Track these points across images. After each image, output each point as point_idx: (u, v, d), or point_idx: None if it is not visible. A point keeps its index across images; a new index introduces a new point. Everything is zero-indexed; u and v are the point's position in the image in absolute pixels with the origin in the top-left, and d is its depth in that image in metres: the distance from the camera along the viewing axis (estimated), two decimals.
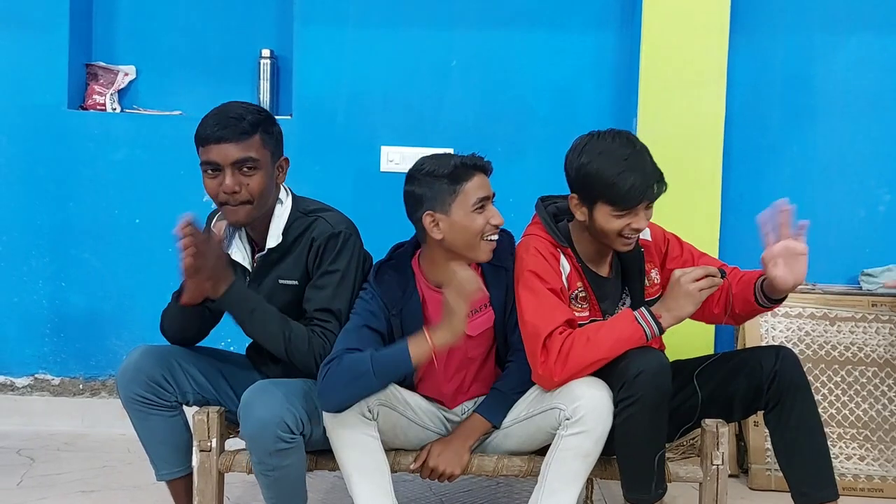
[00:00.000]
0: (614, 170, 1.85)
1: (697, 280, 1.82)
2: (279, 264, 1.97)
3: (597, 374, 1.86)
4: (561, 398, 1.83)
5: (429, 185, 1.88)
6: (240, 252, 1.98)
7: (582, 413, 1.79)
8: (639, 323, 1.83)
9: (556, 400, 1.84)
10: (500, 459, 1.95)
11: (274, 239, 1.96)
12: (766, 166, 3.04)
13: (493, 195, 1.93)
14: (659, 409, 1.80)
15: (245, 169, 1.90)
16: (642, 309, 1.86)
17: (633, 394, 1.77)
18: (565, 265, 1.97)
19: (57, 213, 3.15)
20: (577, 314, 1.94)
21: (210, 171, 1.92)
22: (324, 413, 1.82)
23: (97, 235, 3.15)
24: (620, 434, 1.81)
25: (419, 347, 1.78)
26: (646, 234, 2.05)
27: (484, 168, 1.93)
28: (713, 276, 1.84)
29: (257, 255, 1.98)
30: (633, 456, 1.84)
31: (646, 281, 2.02)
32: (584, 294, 1.98)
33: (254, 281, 1.98)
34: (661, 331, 1.85)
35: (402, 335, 1.91)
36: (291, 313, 1.94)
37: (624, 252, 1.96)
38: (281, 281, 1.97)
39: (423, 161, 1.93)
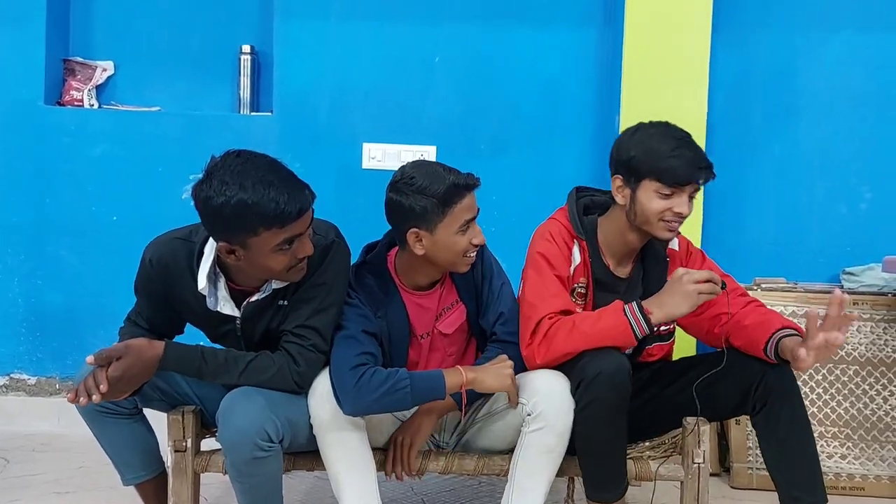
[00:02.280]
0: (669, 145, 1.85)
1: (699, 282, 1.79)
2: (273, 299, 1.87)
3: (557, 369, 1.84)
4: (522, 394, 1.83)
5: (417, 202, 1.81)
6: (227, 304, 1.85)
7: (541, 408, 1.79)
8: (626, 316, 1.81)
9: (520, 396, 1.84)
10: (480, 459, 1.94)
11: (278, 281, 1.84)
12: (748, 164, 3.05)
13: (478, 212, 1.89)
14: (616, 412, 1.79)
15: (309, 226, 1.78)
16: (633, 303, 1.83)
17: (589, 396, 1.77)
18: (576, 256, 1.96)
19: (33, 209, 3.11)
20: None
21: (287, 246, 1.73)
22: (312, 409, 1.81)
23: (74, 232, 3.11)
24: (580, 435, 1.81)
25: (453, 380, 1.80)
26: (673, 244, 2.03)
27: (475, 186, 1.87)
28: (715, 283, 1.80)
29: (254, 299, 1.84)
30: (592, 458, 1.84)
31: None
32: (583, 290, 1.97)
33: (248, 321, 1.87)
34: (650, 328, 1.82)
35: (389, 337, 1.90)
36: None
37: (664, 239, 1.92)
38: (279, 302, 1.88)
39: (413, 173, 1.83)
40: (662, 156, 1.84)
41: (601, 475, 1.85)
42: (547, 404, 1.78)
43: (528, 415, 1.81)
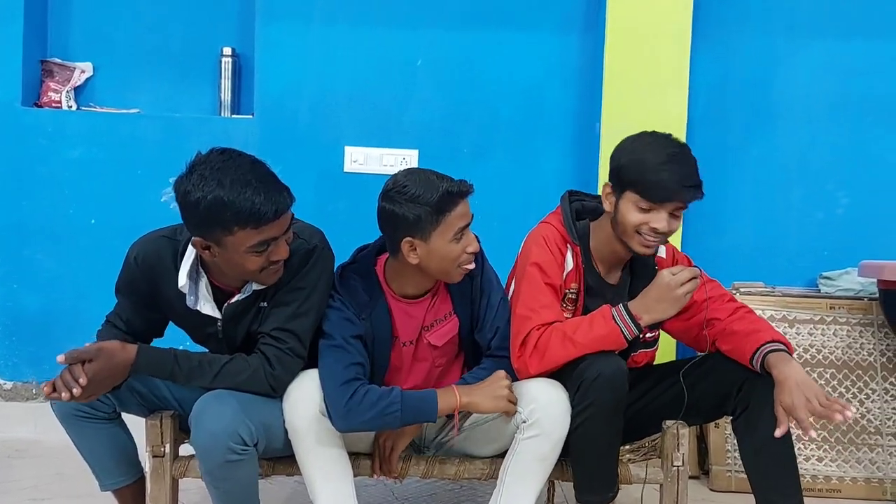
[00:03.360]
0: (655, 160, 1.80)
1: (684, 284, 1.81)
2: (255, 301, 1.86)
3: (553, 375, 1.85)
4: (518, 401, 1.82)
5: (410, 210, 1.79)
6: (208, 303, 1.84)
7: (537, 416, 1.78)
8: (616, 323, 1.82)
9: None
10: (461, 463, 1.94)
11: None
12: (727, 169, 3.07)
13: (472, 219, 1.88)
14: (614, 414, 1.80)
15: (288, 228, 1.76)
16: (620, 307, 1.84)
17: (588, 398, 1.77)
18: (569, 262, 1.95)
19: (10, 212, 3.06)
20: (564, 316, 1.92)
21: (262, 248, 1.71)
22: (287, 415, 1.79)
23: (51, 235, 3.07)
24: (575, 438, 1.81)
25: (446, 402, 1.79)
26: (661, 252, 2.02)
27: (468, 193, 1.86)
28: (695, 279, 1.82)
29: (234, 300, 1.84)
30: (587, 460, 1.84)
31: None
32: (574, 296, 1.96)
33: (229, 323, 1.87)
34: (640, 331, 1.84)
35: (373, 339, 1.89)
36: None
37: (640, 254, 1.90)
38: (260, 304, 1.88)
39: (405, 181, 1.81)
40: (647, 169, 1.80)
41: (593, 477, 1.85)
42: (544, 412, 1.78)
43: (524, 422, 1.80)
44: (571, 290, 1.95)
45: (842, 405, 1.71)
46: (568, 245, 1.95)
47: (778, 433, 1.74)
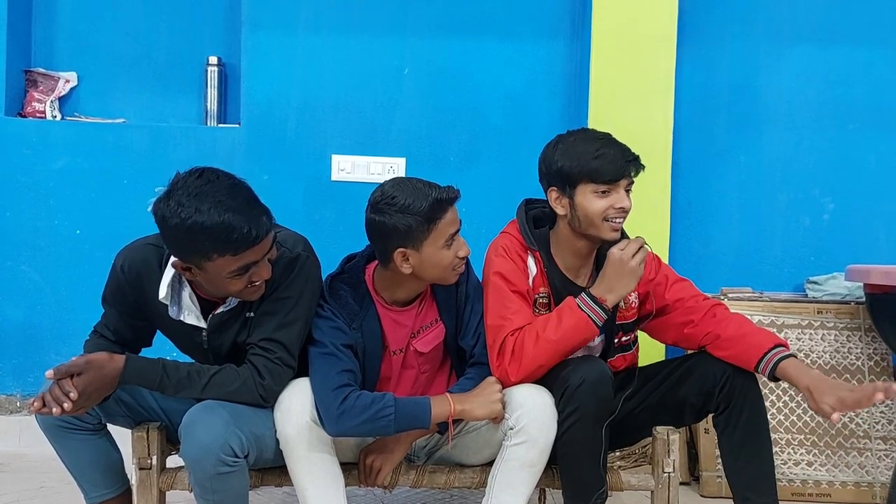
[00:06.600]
0: (592, 147, 1.87)
1: (635, 255, 1.84)
2: (241, 311, 1.85)
3: (539, 381, 1.86)
4: (505, 407, 1.82)
5: (401, 221, 1.78)
6: (192, 313, 1.84)
7: (524, 422, 1.78)
8: (583, 310, 1.84)
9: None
10: (451, 472, 1.93)
11: None
12: (713, 174, 3.09)
13: (461, 224, 1.88)
14: (600, 420, 1.80)
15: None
16: (583, 295, 1.86)
17: (573, 405, 1.77)
18: (532, 267, 1.96)
19: None
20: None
21: (242, 273, 1.71)
22: (278, 424, 1.79)
23: (36, 246, 3.05)
24: (562, 445, 1.81)
25: (440, 409, 1.79)
26: None
27: (456, 199, 1.86)
28: (644, 247, 1.86)
29: (219, 311, 1.83)
30: (573, 466, 1.84)
31: (621, 303, 1.94)
32: (545, 300, 1.97)
33: (215, 333, 1.86)
34: (607, 313, 1.85)
35: (364, 350, 1.88)
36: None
37: (610, 239, 1.92)
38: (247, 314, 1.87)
39: (393, 192, 1.81)
40: (589, 156, 1.87)
41: (581, 483, 1.85)
42: (530, 419, 1.78)
43: (511, 428, 1.80)
44: (542, 295, 1.97)
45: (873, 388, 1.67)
46: (528, 251, 1.97)
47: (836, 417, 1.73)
